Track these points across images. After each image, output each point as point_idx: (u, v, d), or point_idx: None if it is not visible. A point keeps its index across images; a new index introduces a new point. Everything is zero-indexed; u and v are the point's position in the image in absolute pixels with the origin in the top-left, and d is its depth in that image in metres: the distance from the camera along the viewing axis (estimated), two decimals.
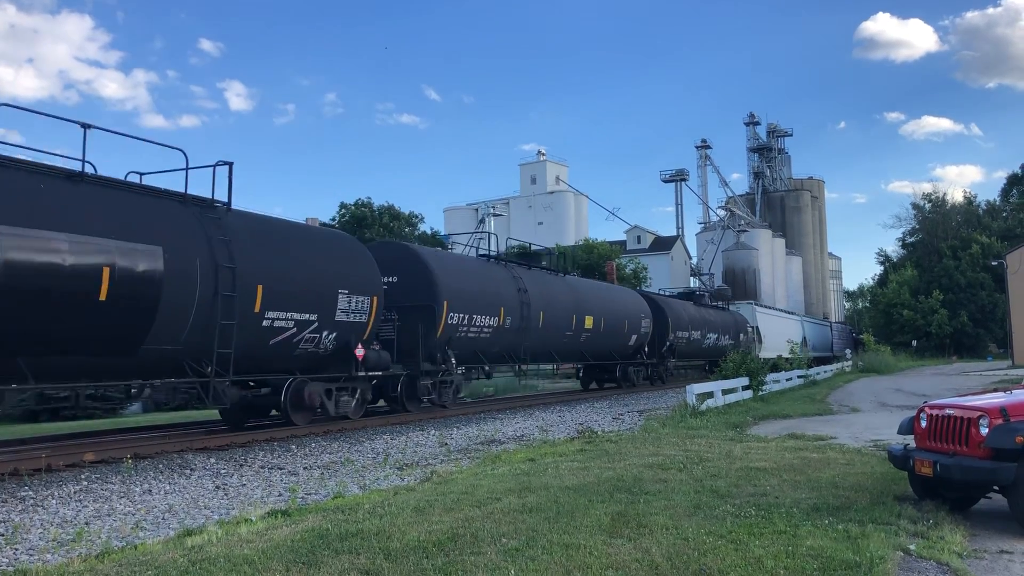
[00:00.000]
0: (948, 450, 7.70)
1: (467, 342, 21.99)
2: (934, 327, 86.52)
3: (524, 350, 24.74)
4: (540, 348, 26.06)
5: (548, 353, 27.34)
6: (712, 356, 40.81)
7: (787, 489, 8.99)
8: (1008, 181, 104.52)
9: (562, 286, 28.00)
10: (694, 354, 40.47)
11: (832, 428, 16.25)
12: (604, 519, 7.42)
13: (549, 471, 10.57)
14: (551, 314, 25.77)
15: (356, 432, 17.42)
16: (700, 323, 39.77)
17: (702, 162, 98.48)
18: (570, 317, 27.13)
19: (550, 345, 26.66)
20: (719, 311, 44.91)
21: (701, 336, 39.66)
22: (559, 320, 26.48)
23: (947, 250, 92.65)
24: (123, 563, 6.32)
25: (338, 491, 9.99)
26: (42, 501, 9.69)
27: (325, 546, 6.60)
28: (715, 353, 39.97)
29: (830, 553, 6.11)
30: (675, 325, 36.03)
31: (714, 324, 41.77)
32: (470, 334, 21.92)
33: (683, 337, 37.23)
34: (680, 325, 36.74)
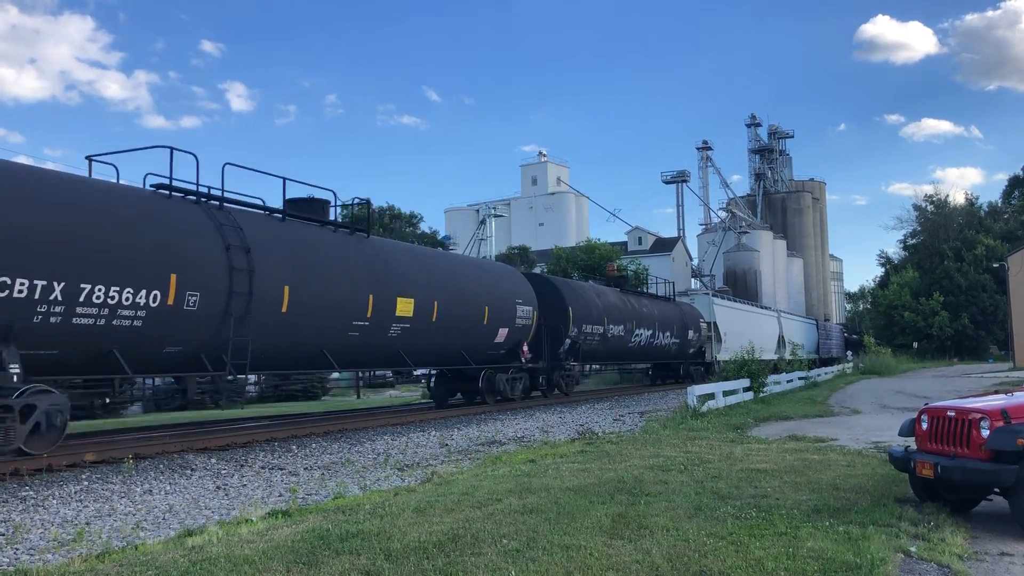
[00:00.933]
0: (949, 452, 7.69)
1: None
2: (935, 329, 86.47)
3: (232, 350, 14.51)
4: (274, 348, 15.79)
5: (305, 356, 17.10)
6: (650, 358, 35.53)
7: (788, 491, 8.98)
8: (1009, 183, 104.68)
9: (353, 252, 18.41)
10: (617, 356, 32.22)
11: (833, 430, 16.24)
12: (605, 520, 7.42)
13: (550, 472, 10.57)
14: (310, 293, 16.19)
15: (356, 433, 17.42)
16: (624, 315, 31.28)
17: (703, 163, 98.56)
18: (364, 299, 17.76)
19: (309, 343, 16.60)
20: (659, 302, 36.93)
21: (626, 332, 31.23)
22: (332, 303, 16.80)
23: (949, 252, 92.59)
24: (124, 563, 6.32)
25: (339, 491, 9.99)
26: (43, 501, 9.70)
27: (325, 546, 6.60)
28: (653, 354, 35.01)
29: (831, 555, 6.11)
30: (580, 316, 27.42)
31: (648, 318, 33.68)
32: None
33: (594, 333, 28.46)
34: (589, 317, 28.09)
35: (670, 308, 37.45)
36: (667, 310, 36.70)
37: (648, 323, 33.52)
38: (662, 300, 37.86)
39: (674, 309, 37.91)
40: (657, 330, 34.40)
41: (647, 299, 35.71)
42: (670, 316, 36.57)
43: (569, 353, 27.12)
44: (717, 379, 27.82)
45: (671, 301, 38.90)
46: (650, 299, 36.20)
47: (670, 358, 37.32)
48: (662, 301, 37.58)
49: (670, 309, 37.27)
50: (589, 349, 28.61)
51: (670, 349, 36.43)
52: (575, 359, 27.56)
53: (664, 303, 37.39)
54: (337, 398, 35.79)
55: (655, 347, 34.64)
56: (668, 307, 37.32)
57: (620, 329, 30.63)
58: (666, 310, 36.61)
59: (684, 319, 38.07)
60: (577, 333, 27.22)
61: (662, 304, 36.93)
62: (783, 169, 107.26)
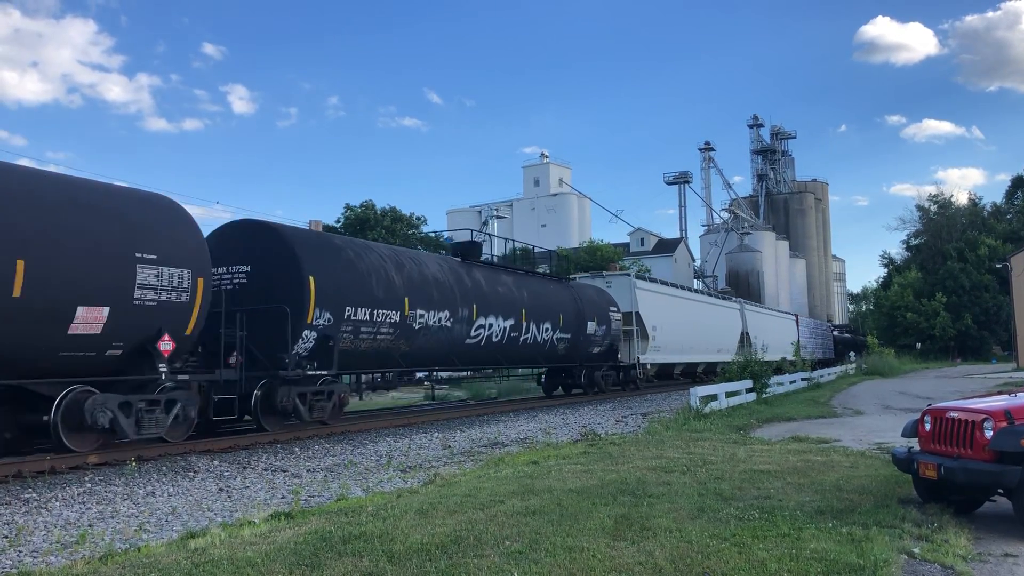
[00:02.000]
0: (952, 453, 7.68)
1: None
2: (937, 330, 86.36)
3: None
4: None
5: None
6: (515, 360, 24.66)
7: (791, 492, 8.97)
8: (1012, 183, 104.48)
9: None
10: (439, 357, 20.86)
11: (836, 431, 16.22)
12: (607, 522, 7.41)
13: (552, 474, 10.57)
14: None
15: (359, 435, 17.42)
16: (456, 297, 20.54)
17: (705, 164, 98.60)
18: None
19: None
20: (534, 281, 26.28)
21: (459, 322, 20.49)
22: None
23: (952, 252, 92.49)
24: (126, 565, 6.32)
25: (341, 493, 9.99)
26: (46, 503, 9.70)
27: (328, 548, 6.60)
28: (519, 355, 24.46)
29: (834, 556, 6.10)
30: (341, 296, 16.62)
31: (507, 303, 23.01)
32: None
33: (381, 322, 17.71)
34: (363, 298, 17.20)
35: (555, 291, 26.84)
36: (548, 293, 26.09)
37: (507, 310, 22.90)
38: (541, 279, 27.72)
39: (562, 292, 27.31)
40: (526, 321, 23.83)
41: (510, 276, 24.77)
42: (553, 302, 25.98)
43: (311, 356, 16.19)
44: (721, 380, 27.39)
45: (560, 281, 29.18)
46: (517, 276, 25.22)
47: (556, 360, 27.00)
48: (541, 280, 27.34)
49: (555, 292, 26.73)
50: (370, 348, 17.78)
51: (554, 348, 26.11)
52: (328, 364, 16.33)
53: (546, 283, 27.15)
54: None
55: (523, 345, 23.98)
56: (551, 289, 26.71)
57: (445, 317, 19.94)
58: (546, 293, 25.90)
59: (580, 307, 27.61)
60: (331, 323, 16.26)
61: (540, 284, 26.30)
62: (785, 170, 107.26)
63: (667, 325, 33.69)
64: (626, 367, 31.25)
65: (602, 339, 29.21)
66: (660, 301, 34.41)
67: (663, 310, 34.15)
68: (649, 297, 33.24)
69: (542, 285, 26.45)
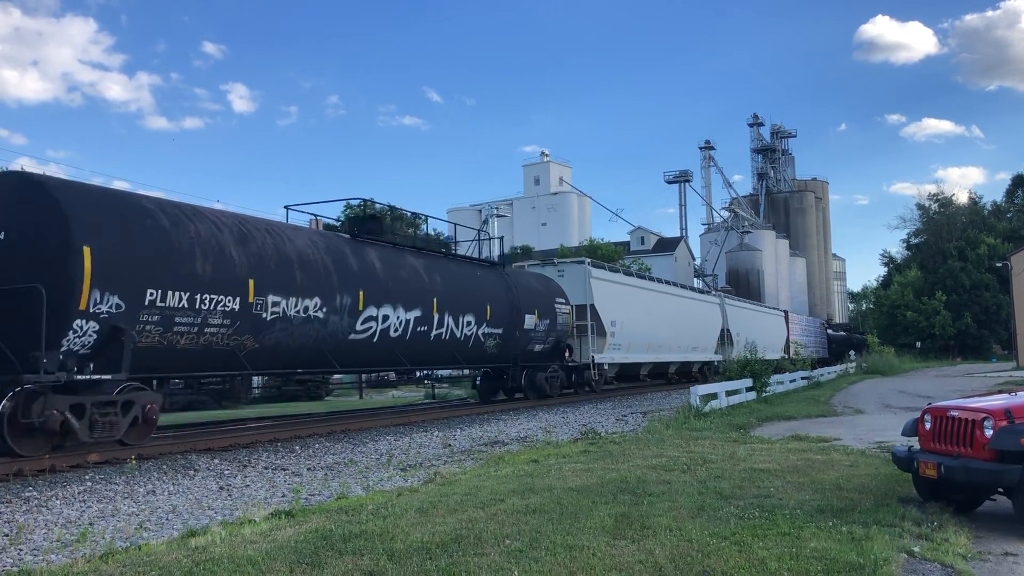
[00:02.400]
0: (952, 452, 7.68)
1: None
2: (937, 328, 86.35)
3: None
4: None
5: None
6: (428, 360, 21.01)
7: (791, 491, 8.97)
8: (1013, 182, 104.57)
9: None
10: (315, 359, 16.89)
11: (836, 430, 16.23)
12: (608, 520, 7.41)
13: (552, 472, 10.57)
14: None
15: (359, 433, 17.43)
16: (336, 282, 16.71)
17: (706, 163, 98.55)
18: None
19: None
20: (456, 265, 22.41)
21: (339, 312, 16.76)
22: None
23: (952, 251, 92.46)
24: (127, 564, 6.33)
25: (342, 492, 10.00)
26: (46, 502, 9.71)
27: (329, 547, 6.60)
28: (430, 355, 20.53)
29: (834, 555, 6.10)
30: (140, 274, 12.57)
31: (415, 290, 19.30)
32: None
33: (193, 312, 13.37)
34: (177, 278, 13.13)
35: (482, 278, 22.85)
36: (471, 280, 22.24)
37: (411, 299, 19.02)
38: (464, 263, 23.29)
39: (492, 280, 23.23)
40: (439, 312, 19.97)
41: (421, 259, 20.47)
42: (478, 291, 22.09)
43: (99, 354, 12.27)
44: (720, 379, 27.40)
45: (490, 267, 24.51)
46: (429, 259, 20.96)
47: (484, 360, 23.17)
48: (464, 265, 23.02)
49: (481, 280, 22.74)
50: (193, 345, 13.62)
51: (480, 346, 22.22)
52: (109, 367, 12.28)
53: (469, 268, 23.06)
54: (339, 398, 35.83)
55: (434, 342, 20.12)
56: (476, 276, 22.74)
57: (315, 306, 16.02)
58: (468, 280, 22.10)
59: (516, 298, 23.57)
60: (122, 310, 12.23)
61: (461, 270, 22.29)
62: (786, 168, 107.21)
63: (630, 320, 29.81)
64: (579, 367, 27.33)
65: (545, 335, 25.10)
66: (622, 293, 30.49)
67: (625, 303, 30.15)
68: (608, 288, 29.23)
69: (464, 270, 22.29)
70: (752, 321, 47.03)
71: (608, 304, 28.58)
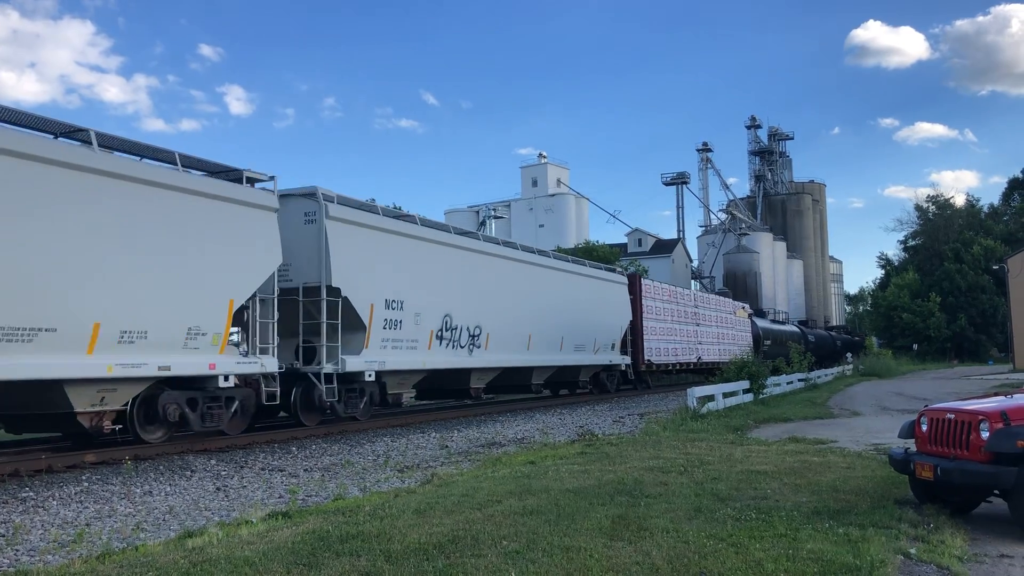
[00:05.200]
0: (949, 454, 7.70)
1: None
2: (932, 330, 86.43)
3: None
4: None
5: None
6: None
7: (788, 493, 8.98)
8: (1009, 185, 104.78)
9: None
10: None
11: (833, 432, 16.24)
12: (604, 522, 7.42)
13: (550, 474, 10.57)
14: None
15: (357, 434, 17.43)
16: None
17: (703, 165, 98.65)
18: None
19: None
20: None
21: None
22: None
23: (949, 253, 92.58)
24: (124, 564, 6.32)
25: (339, 493, 9.99)
26: (43, 502, 9.70)
27: (326, 548, 6.60)
28: None
29: (830, 557, 6.11)
30: None
31: None
32: None
33: None
34: None
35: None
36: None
37: None
38: None
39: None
40: None
41: None
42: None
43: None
44: (718, 380, 26.78)
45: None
46: None
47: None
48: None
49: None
50: None
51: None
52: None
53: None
54: None
55: None
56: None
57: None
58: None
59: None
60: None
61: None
62: (783, 171, 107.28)
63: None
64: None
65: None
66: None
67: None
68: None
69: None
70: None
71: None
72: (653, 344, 34.08)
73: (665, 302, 36.30)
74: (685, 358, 37.50)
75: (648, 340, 33.53)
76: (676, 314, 37.20)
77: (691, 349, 38.29)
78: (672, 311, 36.77)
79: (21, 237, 11.09)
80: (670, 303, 36.87)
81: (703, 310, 41.07)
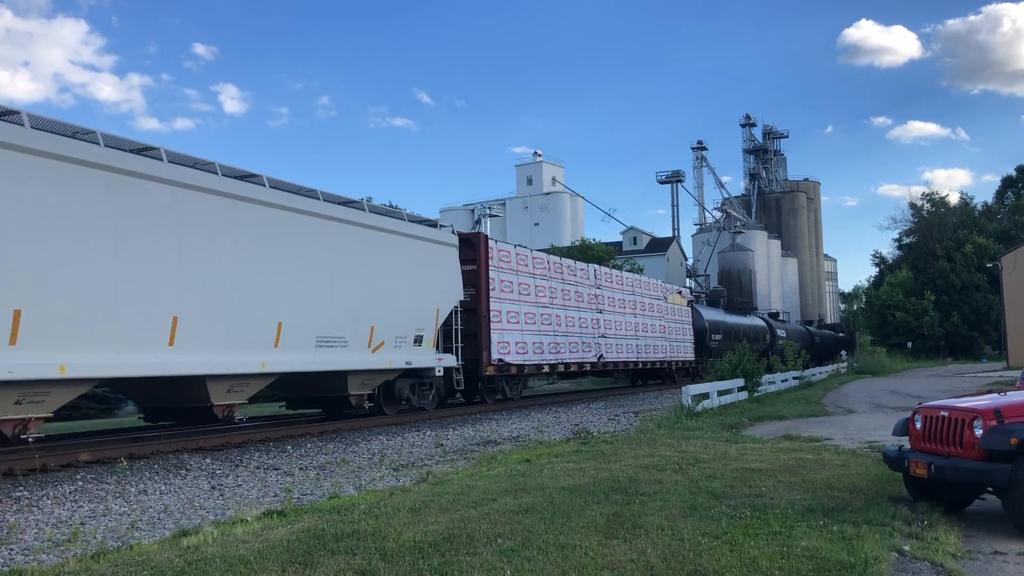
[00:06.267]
0: (943, 451, 7.72)
1: None
2: (926, 328, 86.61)
3: None
4: None
5: None
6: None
7: (782, 490, 9.00)
8: (1003, 183, 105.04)
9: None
10: None
11: (827, 429, 16.28)
12: (600, 520, 7.43)
13: (545, 472, 10.58)
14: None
15: (352, 433, 17.41)
16: None
17: (698, 163, 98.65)
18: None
19: None
20: None
21: None
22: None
23: (942, 251, 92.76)
24: (119, 563, 6.31)
25: (334, 492, 9.98)
26: (37, 501, 9.67)
27: (321, 546, 6.60)
28: None
29: (825, 554, 6.12)
30: None
31: None
32: None
33: None
34: None
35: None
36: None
37: None
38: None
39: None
40: None
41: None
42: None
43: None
44: (712, 378, 26.79)
45: None
46: None
47: None
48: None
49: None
50: None
51: None
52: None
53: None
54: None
55: None
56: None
57: None
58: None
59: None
60: None
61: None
62: (777, 169, 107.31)
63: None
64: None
65: None
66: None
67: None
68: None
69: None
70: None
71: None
72: (510, 337, 23.81)
73: (534, 276, 25.81)
74: (573, 356, 27.62)
75: (501, 331, 23.40)
76: (557, 294, 27.12)
77: (586, 344, 28.68)
78: (549, 290, 26.62)
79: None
80: (546, 278, 26.52)
81: (609, 291, 31.12)
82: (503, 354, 23.52)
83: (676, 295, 38.28)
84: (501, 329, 23.57)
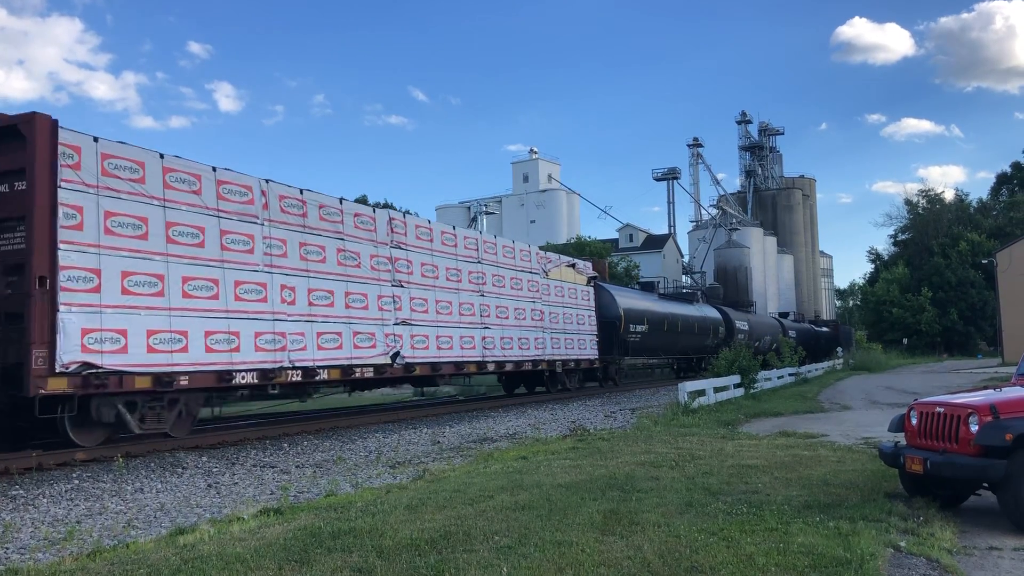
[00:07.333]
0: (938, 447, 7.73)
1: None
2: (923, 325, 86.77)
3: None
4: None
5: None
6: None
7: (778, 487, 9.02)
8: (997, 180, 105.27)
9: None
10: None
11: (823, 426, 16.31)
12: (596, 517, 7.43)
13: (541, 469, 10.58)
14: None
15: (348, 430, 17.41)
16: None
17: (694, 160, 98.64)
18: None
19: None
20: None
21: None
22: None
23: (937, 248, 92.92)
24: (115, 562, 6.30)
25: (330, 489, 9.98)
26: (33, 500, 9.66)
27: (318, 544, 6.60)
28: None
29: (821, 550, 6.14)
30: None
31: None
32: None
33: None
34: None
35: None
36: None
37: None
38: None
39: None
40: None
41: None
42: None
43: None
44: (710, 375, 27.10)
45: None
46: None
47: None
48: None
49: None
50: None
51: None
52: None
53: None
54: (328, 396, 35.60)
55: None
56: None
57: None
58: None
59: None
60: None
61: None
62: (773, 166, 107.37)
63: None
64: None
65: None
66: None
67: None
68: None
69: None
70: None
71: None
72: (127, 321, 12.84)
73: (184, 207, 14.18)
74: (370, 357, 18.15)
75: (101, 312, 12.50)
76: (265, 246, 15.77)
77: (368, 339, 18.33)
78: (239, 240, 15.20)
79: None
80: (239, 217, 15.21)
81: (419, 253, 20.57)
82: (96, 353, 12.33)
83: (567, 268, 29.16)
84: (102, 310, 12.48)
